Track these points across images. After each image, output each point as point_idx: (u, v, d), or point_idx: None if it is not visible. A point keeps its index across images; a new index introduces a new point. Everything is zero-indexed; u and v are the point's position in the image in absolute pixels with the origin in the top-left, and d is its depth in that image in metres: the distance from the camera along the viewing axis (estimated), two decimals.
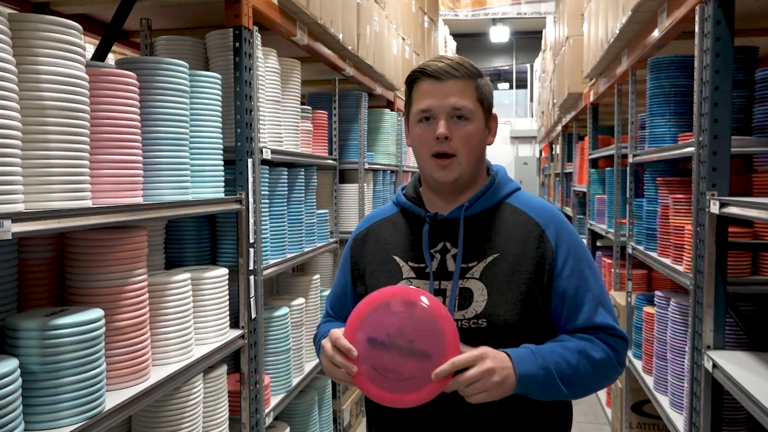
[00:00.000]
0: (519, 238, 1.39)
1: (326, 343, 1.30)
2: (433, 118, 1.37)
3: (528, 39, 17.60)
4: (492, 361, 1.22)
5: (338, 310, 1.59)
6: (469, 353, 1.22)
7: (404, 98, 1.47)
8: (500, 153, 16.97)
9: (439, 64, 1.38)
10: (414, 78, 1.42)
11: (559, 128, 7.91)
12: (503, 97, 18.51)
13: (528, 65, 18.25)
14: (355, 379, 1.26)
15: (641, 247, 3.34)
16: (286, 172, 2.79)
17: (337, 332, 1.29)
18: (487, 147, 1.46)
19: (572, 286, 1.37)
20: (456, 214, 1.41)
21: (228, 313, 2.27)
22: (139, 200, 1.75)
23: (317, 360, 3.18)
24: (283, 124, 2.77)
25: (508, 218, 1.42)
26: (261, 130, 2.45)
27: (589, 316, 1.37)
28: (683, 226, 2.63)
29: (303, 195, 3.04)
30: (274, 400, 2.66)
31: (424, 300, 1.25)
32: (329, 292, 1.64)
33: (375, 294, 1.29)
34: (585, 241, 5.33)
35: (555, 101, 7.40)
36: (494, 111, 1.47)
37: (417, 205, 1.47)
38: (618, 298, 3.85)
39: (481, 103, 1.40)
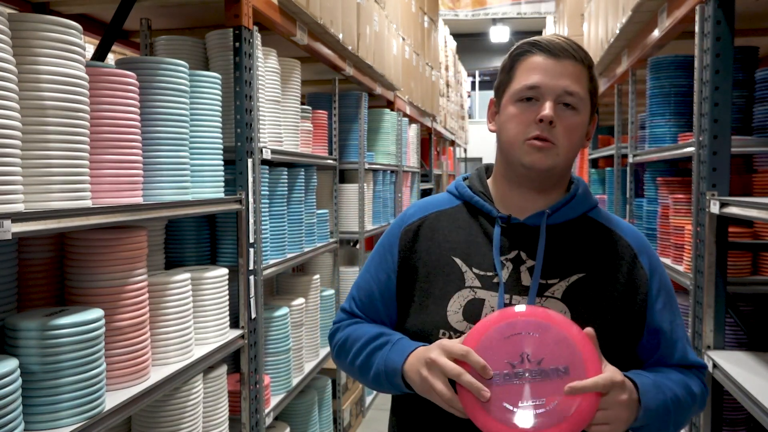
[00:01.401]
0: (609, 259, 1.22)
1: (438, 357, 1.06)
2: (537, 99, 1.17)
3: None
4: (626, 392, 1.05)
5: (369, 311, 1.32)
6: (610, 375, 1.03)
7: (500, 74, 1.26)
8: None
9: (555, 40, 1.19)
10: (522, 51, 1.21)
11: None
12: None
13: None
14: (474, 411, 1.02)
15: None
16: (286, 172, 2.79)
17: (458, 345, 1.06)
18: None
19: (666, 320, 1.23)
20: (536, 221, 1.22)
21: (228, 313, 2.26)
22: (139, 200, 1.75)
23: (317, 360, 3.20)
24: (283, 124, 2.77)
25: (595, 235, 1.25)
26: (261, 130, 2.45)
27: (683, 355, 1.25)
28: (683, 226, 2.63)
29: (303, 195, 3.04)
30: (274, 400, 2.66)
31: (555, 316, 1.08)
32: (353, 287, 1.37)
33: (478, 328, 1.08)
34: None
35: None
36: None
37: (486, 200, 1.27)
38: None
39: (591, 97, 1.21)
